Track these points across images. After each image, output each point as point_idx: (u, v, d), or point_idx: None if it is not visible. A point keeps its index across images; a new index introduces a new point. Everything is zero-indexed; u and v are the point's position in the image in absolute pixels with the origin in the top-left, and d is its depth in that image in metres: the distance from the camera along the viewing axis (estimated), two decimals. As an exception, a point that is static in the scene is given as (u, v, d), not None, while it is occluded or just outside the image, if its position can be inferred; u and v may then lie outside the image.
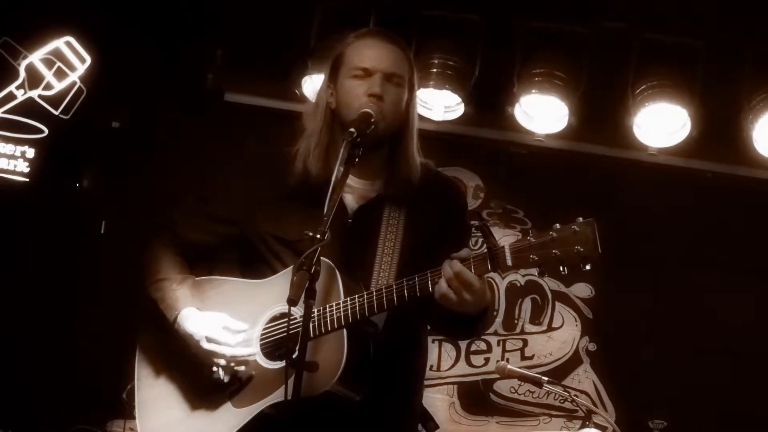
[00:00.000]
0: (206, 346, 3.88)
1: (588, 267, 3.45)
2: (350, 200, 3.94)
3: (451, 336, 5.32)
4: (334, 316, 3.70)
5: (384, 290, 3.68)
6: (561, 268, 3.48)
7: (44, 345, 6.46)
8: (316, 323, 3.70)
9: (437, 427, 4.75)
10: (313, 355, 3.62)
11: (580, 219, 3.48)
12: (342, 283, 3.74)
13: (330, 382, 3.64)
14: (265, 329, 3.88)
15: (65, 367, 6.49)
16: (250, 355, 3.86)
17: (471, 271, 3.56)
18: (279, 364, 3.75)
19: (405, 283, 3.66)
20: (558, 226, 3.50)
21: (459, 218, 4.05)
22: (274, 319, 3.86)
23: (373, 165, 3.93)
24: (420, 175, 3.95)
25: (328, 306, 3.71)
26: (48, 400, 6.44)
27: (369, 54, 3.92)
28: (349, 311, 3.70)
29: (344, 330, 3.70)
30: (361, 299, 3.70)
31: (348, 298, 3.71)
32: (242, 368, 3.87)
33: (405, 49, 4.01)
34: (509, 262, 3.53)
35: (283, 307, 3.72)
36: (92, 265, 6.60)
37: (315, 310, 3.62)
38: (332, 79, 3.97)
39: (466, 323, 3.77)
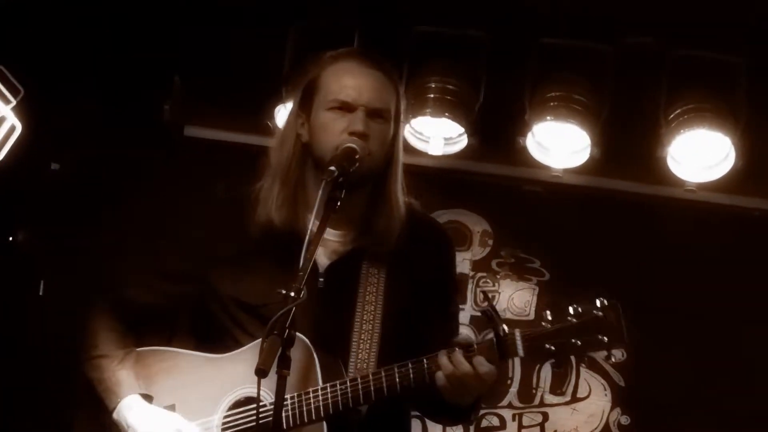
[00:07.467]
0: None
1: (613, 359, 3.56)
2: (320, 255, 3.72)
3: (437, 422, 5.26)
4: (312, 406, 3.59)
5: (372, 379, 3.58)
6: (582, 360, 3.35)
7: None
8: (292, 412, 3.58)
9: None
10: None
11: (602, 301, 3.50)
12: (319, 365, 3.63)
13: None
14: (227, 417, 3.72)
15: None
16: None
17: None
18: None
19: (396, 371, 3.58)
20: (578, 308, 3.51)
21: (447, 273, 3.99)
22: (237, 404, 3.70)
23: (349, 212, 3.70)
24: (404, 218, 3.82)
25: (304, 393, 3.60)
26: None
27: (349, 84, 3.74)
28: (330, 402, 3.59)
29: (324, 422, 3.62)
30: (344, 388, 3.60)
31: (329, 386, 3.60)
32: None
33: (390, 73, 3.84)
34: (521, 352, 3.51)
35: (249, 390, 3.62)
36: (31, 331, 6.23)
37: (289, 396, 3.52)
38: (304, 107, 3.80)
39: (456, 413, 3.77)
